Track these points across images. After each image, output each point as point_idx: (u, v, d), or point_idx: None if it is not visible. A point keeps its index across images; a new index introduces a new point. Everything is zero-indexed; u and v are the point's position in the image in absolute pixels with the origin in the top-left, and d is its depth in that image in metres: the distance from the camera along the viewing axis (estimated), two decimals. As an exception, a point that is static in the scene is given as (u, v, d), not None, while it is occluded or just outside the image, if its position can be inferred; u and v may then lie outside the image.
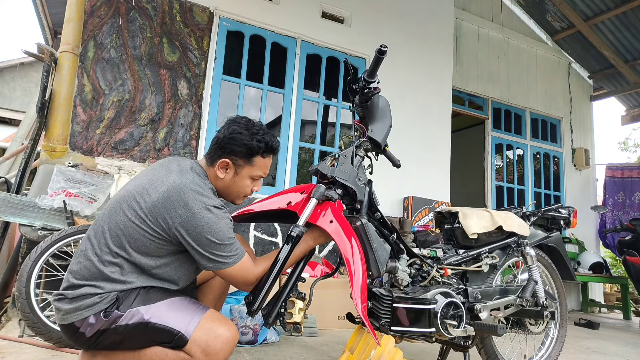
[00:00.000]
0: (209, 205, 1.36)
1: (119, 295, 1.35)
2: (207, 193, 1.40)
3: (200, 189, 1.39)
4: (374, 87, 1.73)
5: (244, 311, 2.35)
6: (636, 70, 6.51)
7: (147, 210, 1.35)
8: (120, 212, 1.38)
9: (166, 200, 1.35)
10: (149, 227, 1.35)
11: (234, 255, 1.41)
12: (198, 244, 1.36)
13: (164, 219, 1.34)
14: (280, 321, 1.53)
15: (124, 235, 1.36)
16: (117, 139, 3.55)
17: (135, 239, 1.36)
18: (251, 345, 2.38)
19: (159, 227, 1.35)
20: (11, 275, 2.91)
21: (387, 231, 1.76)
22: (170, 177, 1.39)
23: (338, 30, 4.67)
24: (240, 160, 1.49)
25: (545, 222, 2.40)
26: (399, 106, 4.30)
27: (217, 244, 1.37)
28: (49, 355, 2.03)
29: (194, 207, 1.34)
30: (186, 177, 1.40)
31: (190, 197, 1.35)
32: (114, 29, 3.64)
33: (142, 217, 1.35)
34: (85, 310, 1.33)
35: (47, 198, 2.69)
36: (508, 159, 6.99)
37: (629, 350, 3.38)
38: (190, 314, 1.36)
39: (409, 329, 1.67)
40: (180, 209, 1.34)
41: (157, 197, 1.36)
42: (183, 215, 1.34)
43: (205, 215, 1.35)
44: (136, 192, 1.40)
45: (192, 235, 1.35)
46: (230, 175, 1.51)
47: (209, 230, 1.35)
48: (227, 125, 1.52)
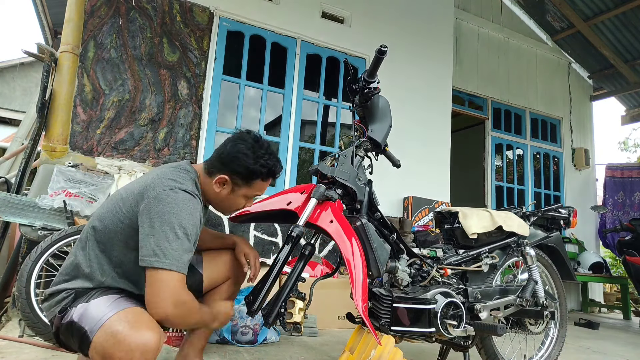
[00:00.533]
0: (176, 187, 1.30)
1: (77, 292, 1.29)
2: (179, 179, 1.35)
3: (173, 175, 1.35)
4: (374, 87, 1.73)
5: (244, 311, 2.35)
6: (636, 70, 6.51)
7: (126, 198, 1.35)
8: (105, 207, 1.40)
9: (141, 187, 1.34)
10: (123, 215, 1.32)
11: (176, 260, 1.21)
12: (150, 223, 1.23)
13: (136, 203, 1.31)
14: (280, 321, 1.53)
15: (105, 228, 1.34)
16: (117, 139, 3.55)
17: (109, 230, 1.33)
18: (251, 345, 2.38)
19: (129, 213, 1.31)
20: (11, 275, 2.91)
21: (387, 231, 1.76)
22: (157, 171, 1.42)
23: (338, 30, 4.67)
24: (240, 181, 1.46)
25: (545, 222, 2.40)
26: (398, 106, 4.29)
27: (166, 229, 1.22)
28: (49, 355, 2.03)
29: (160, 188, 1.30)
30: (164, 168, 1.41)
31: (159, 181, 1.32)
32: (114, 29, 3.64)
33: (119, 201, 1.35)
34: (55, 307, 1.30)
35: (47, 198, 2.69)
36: (508, 159, 6.99)
37: (629, 350, 3.39)
38: (104, 311, 1.18)
39: (409, 328, 1.67)
40: (149, 191, 1.30)
41: (136, 187, 1.36)
42: (149, 195, 1.29)
43: (170, 195, 1.28)
44: (123, 189, 1.43)
45: (150, 214, 1.25)
46: (226, 191, 1.48)
47: (167, 211, 1.24)
48: (234, 141, 1.48)
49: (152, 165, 3.62)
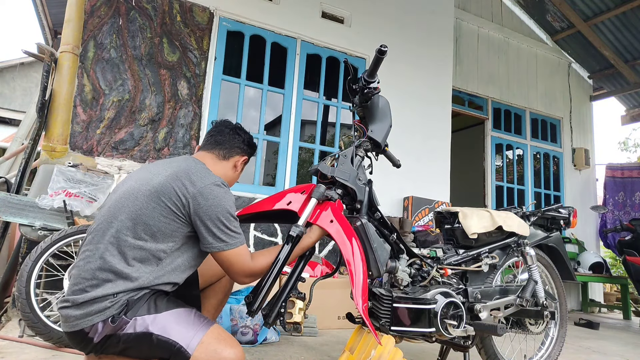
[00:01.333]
0: (217, 182, 1.42)
1: (128, 300, 1.32)
2: (212, 173, 1.48)
3: (205, 170, 1.47)
4: (374, 87, 1.73)
5: (244, 311, 2.35)
6: (636, 70, 6.51)
7: (159, 192, 1.36)
8: (128, 207, 1.37)
9: (175, 179, 1.38)
10: (165, 206, 1.36)
11: (237, 237, 1.42)
12: (206, 217, 1.37)
13: (177, 196, 1.36)
14: (280, 321, 1.53)
15: (138, 224, 1.35)
16: (117, 139, 3.55)
17: (149, 225, 1.35)
18: (251, 345, 2.38)
19: (173, 205, 1.36)
20: (11, 275, 2.91)
21: (387, 231, 1.76)
22: (173, 164, 1.46)
23: (338, 30, 4.67)
24: (248, 157, 1.68)
25: (545, 222, 2.40)
26: (399, 106, 4.30)
27: (224, 220, 1.39)
28: (49, 355, 2.03)
29: (202, 182, 1.39)
30: (188, 162, 1.48)
31: (196, 175, 1.41)
32: (114, 29, 3.64)
33: (155, 199, 1.36)
34: (95, 316, 1.30)
35: (47, 198, 2.69)
36: (508, 159, 6.99)
37: (629, 350, 3.39)
38: (194, 328, 1.33)
39: (409, 328, 1.67)
40: (190, 185, 1.38)
41: (165, 179, 1.38)
42: (192, 190, 1.37)
43: (215, 189, 1.39)
44: (140, 184, 1.40)
45: (201, 209, 1.37)
46: (239, 171, 1.67)
47: (219, 204, 1.38)
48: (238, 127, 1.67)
49: (152, 165, 3.62)
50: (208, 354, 1.29)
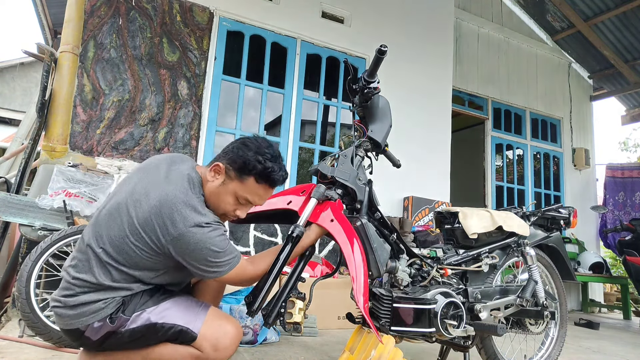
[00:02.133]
0: (201, 223, 1.30)
1: (124, 299, 1.36)
2: (199, 207, 1.33)
3: (192, 202, 1.32)
4: (374, 87, 1.73)
5: (244, 311, 2.35)
6: (636, 70, 6.50)
7: (140, 225, 1.30)
8: (117, 224, 1.34)
9: (157, 216, 1.29)
10: (145, 243, 1.31)
11: (228, 263, 1.38)
12: (191, 259, 1.33)
13: (157, 237, 1.30)
14: (280, 321, 1.53)
15: (122, 252, 1.32)
16: (117, 139, 3.55)
17: (131, 257, 1.32)
18: (251, 345, 2.38)
19: (153, 244, 1.31)
20: (11, 275, 2.91)
21: (387, 231, 1.76)
22: (163, 186, 1.34)
23: (338, 30, 4.67)
24: (232, 172, 1.40)
25: (545, 222, 2.40)
26: (399, 106, 4.29)
27: (210, 259, 1.33)
28: (49, 355, 2.03)
29: (185, 225, 1.28)
30: (178, 187, 1.33)
31: (179, 214, 1.28)
32: (114, 29, 3.64)
33: (137, 232, 1.30)
34: (90, 317, 1.32)
35: (47, 198, 2.69)
36: (508, 159, 6.99)
37: (629, 350, 3.38)
38: (194, 311, 1.42)
39: (409, 328, 1.67)
40: (171, 227, 1.28)
41: (149, 210, 1.30)
42: (174, 233, 1.28)
43: (197, 233, 1.29)
44: (130, 203, 1.34)
45: (184, 253, 1.31)
46: (217, 182, 1.41)
47: (202, 247, 1.30)
48: (248, 137, 1.48)
49: (152, 165, 3.61)
50: (213, 330, 1.39)
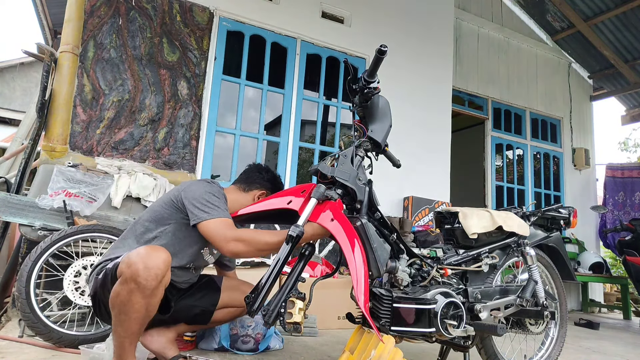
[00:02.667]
0: (207, 180, 1.84)
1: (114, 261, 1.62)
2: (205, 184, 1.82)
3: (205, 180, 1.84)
4: (374, 87, 1.73)
5: (245, 320, 2.34)
6: (636, 70, 6.50)
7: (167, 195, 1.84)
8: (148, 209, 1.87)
9: (180, 187, 1.83)
10: (167, 199, 1.81)
11: (217, 210, 1.67)
12: (192, 198, 1.71)
13: (177, 195, 1.78)
14: (280, 321, 1.53)
15: (148, 212, 1.81)
16: (117, 139, 3.55)
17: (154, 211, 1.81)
18: (253, 353, 2.36)
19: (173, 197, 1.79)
20: (11, 275, 2.91)
21: (387, 231, 1.76)
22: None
23: (338, 30, 4.67)
24: (268, 192, 2.02)
25: (545, 222, 2.40)
26: (398, 106, 4.29)
27: (203, 197, 1.70)
28: (49, 355, 2.03)
29: (194, 181, 1.83)
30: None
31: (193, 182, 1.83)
32: (114, 29, 3.63)
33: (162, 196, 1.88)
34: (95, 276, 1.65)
35: (47, 198, 2.69)
36: (508, 159, 6.99)
37: (629, 350, 3.38)
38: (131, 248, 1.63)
39: (409, 329, 1.67)
40: (187, 186, 1.80)
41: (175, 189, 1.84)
42: (185, 186, 1.79)
43: (197, 183, 1.79)
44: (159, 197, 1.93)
45: (189, 193, 1.74)
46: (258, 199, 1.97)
47: (197, 189, 1.74)
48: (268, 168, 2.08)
49: (152, 165, 3.62)
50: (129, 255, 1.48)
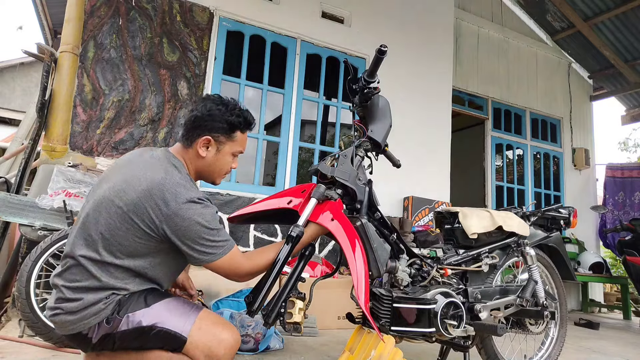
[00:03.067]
0: (193, 198, 1.33)
1: (120, 299, 1.34)
2: (188, 185, 1.37)
3: (181, 181, 1.36)
4: (374, 87, 1.73)
5: (246, 319, 2.34)
6: (636, 70, 6.50)
7: (130, 212, 1.31)
8: (104, 219, 1.33)
9: (149, 199, 1.31)
10: (138, 229, 1.31)
11: (224, 244, 1.38)
12: (185, 238, 1.32)
13: (150, 219, 1.30)
14: (280, 321, 1.53)
15: (114, 244, 1.32)
16: (117, 139, 3.55)
17: (125, 246, 1.32)
18: (252, 352, 2.36)
19: (147, 228, 1.31)
20: (11, 275, 2.91)
21: (387, 231, 1.76)
22: (147, 173, 1.35)
23: (338, 30, 4.67)
24: (222, 137, 1.49)
25: (545, 222, 2.40)
26: (398, 106, 4.30)
27: (204, 236, 1.33)
28: (49, 355, 2.03)
29: (177, 202, 1.31)
30: (164, 171, 1.37)
31: (171, 193, 1.31)
32: (114, 29, 3.63)
33: (127, 220, 1.31)
34: (92, 319, 1.32)
35: (47, 198, 2.69)
36: (508, 159, 6.99)
37: (629, 350, 3.38)
38: (186, 314, 1.35)
39: (409, 329, 1.67)
40: (163, 206, 1.30)
41: (137, 196, 1.31)
42: (167, 212, 1.30)
43: (191, 208, 1.32)
44: (114, 195, 1.34)
45: (178, 230, 1.31)
46: (212, 152, 1.49)
47: (196, 222, 1.32)
48: (203, 103, 1.50)
49: (152, 165, 3.61)
50: (205, 337, 1.32)
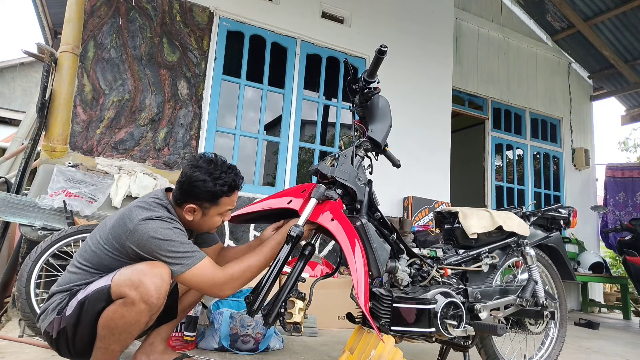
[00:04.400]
0: (151, 216, 1.47)
1: (70, 293, 1.49)
2: (152, 207, 1.50)
3: (145, 204, 1.50)
4: (374, 87, 1.73)
5: (245, 320, 2.34)
6: (636, 70, 6.50)
7: (110, 231, 1.49)
8: (95, 236, 1.54)
9: (121, 219, 1.49)
10: (113, 247, 1.48)
11: (189, 256, 1.45)
12: (148, 252, 1.45)
13: (120, 237, 1.46)
14: (280, 321, 1.53)
15: (96, 257, 1.50)
16: (117, 139, 3.55)
17: (105, 265, 1.49)
18: (252, 352, 2.36)
19: (119, 245, 1.47)
20: (11, 275, 2.91)
21: (387, 231, 1.76)
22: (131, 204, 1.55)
23: (338, 30, 4.67)
24: (207, 204, 1.57)
25: (545, 222, 2.40)
26: (399, 106, 4.30)
27: (165, 248, 1.43)
28: (49, 355, 2.03)
29: (135, 221, 1.45)
30: (141, 199, 1.54)
31: (133, 213, 1.47)
32: (114, 29, 3.63)
33: (107, 238, 1.49)
34: (51, 314, 1.46)
35: (47, 198, 2.69)
36: (508, 159, 6.99)
37: (629, 351, 3.38)
38: (110, 275, 1.45)
39: (409, 328, 1.67)
40: (129, 222, 1.46)
41: (116, 218, 1.51)
42: (130, 228, 1.45)
43: (147, 225, 1.45)
44: (108, 219, 1.56)
45: (140, 246, 1.45)
46: (198, 216, 1.59)
47: (149, 236, 1.43)
48: (190, 169, 1.56)
49: (152, 165, 3.62)
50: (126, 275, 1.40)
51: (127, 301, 1.38)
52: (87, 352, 1.47)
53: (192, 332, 2.28)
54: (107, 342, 1.42)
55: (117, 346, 1.44)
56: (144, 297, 1.37)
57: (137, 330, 1.45)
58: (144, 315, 1.41)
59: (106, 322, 1.40)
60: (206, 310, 2.58)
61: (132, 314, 1.39)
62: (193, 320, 2.27)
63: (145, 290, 1.37)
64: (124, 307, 1.38)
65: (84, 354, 1.48)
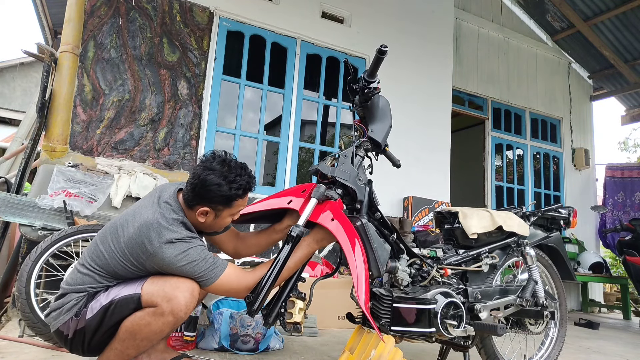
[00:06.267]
0: (171, 239, 1.44)
1: (90, 294, 1.50)
2: (171, 227, 1.46)
3: (164, 221, 1.46)
4: (374, 87, 1.73)
5: (245, 320, 2.34)
6: (636, 70, 6.50)
7: (125, 245, 1.46)
8: (108, 240, 1.50)
9: (138, 236, 1.44)
10: (130, 262, 1.47)
11: (214, 269, 1.47)
12: (171, 272, 1.47)
13: (138, 255, 1.45)
14: (280, 321, 1.53)
15: (109, 266, 1.48)
16: (117, 139, 3.55)
17: (119, 275, 1.49)
18: (252, 352, 2.36)
19: (137, 262, 1.46)
20: (11, 275, 2.91)
21: (387, 231, 1.76)
22: (146, 211, 1.49)
23: (338, 30, 4.67)
24: (220, 206, 1.56)
25: (545, 222, 2.40)
26: (399, 106, 4.30)
27: (189, 269, 1.45)
28: (49, 355, 2.03)
29: (155, 243, 1.43)
30: (157, 212, 1.49)
31: (151, 234, 1.44)
32: (114, 29, 3.63)
33: (123, 251, 1.46)
34: (66, 314, 1.46)
35: (47, 198, 2.69)
36: (508, 159, 6.99)
37: (629, 350, 3.38)
38: (138, 281, 1.48)
39: (409, 328, 1.67)
40: (148, 244, 1.43)
41: (133, 232, 1.46)
42: (150, 250, 1.43)
43: (168, 250, 1.43)
44: (121, 222, 1.51)
45: (164, 267, 1.46)
46: (210, 218, 1.58)
47: (176, 262, 1.44)
48: (203, 171, 1.51)
49: (152, 165, 3.62)
50: (159, 284, 1.44)
51: (158, 311, 1.42)
52: (99, 351, 1.50)
53: (192, 332, 2.28)
54: (125, 345, 1.45)
55: (133, 351, 1.47)
56: (174, 310, 1.41)
57: (157, 340, 1.49)
58: (169, 327, 1.45)
59: (131, 327, 1.43)
60: (206, 310, 2.58)
61: (158, 323, 1.42)
62: (193, 320, 2.27)
63: (176, 304, 1.41)
64: (153, 316, 1.42)
65: (95, 352, 1.52)
